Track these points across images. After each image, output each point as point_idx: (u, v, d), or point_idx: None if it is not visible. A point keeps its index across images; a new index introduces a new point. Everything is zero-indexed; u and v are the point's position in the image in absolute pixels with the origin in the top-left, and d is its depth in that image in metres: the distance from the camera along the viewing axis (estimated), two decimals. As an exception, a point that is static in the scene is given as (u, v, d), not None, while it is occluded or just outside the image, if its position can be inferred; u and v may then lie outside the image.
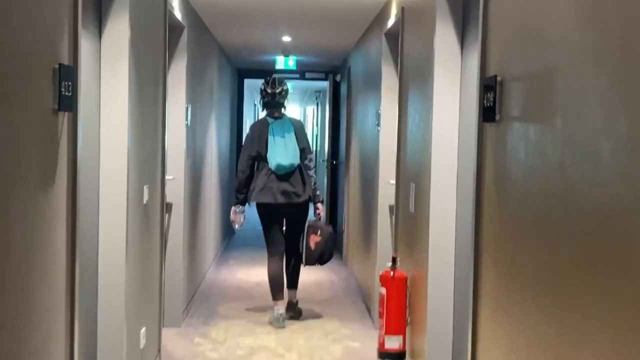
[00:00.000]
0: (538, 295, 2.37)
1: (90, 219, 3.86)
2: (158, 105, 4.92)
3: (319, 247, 6.29)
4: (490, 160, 2.96)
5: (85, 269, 3.76)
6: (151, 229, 4.81)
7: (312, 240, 6.30)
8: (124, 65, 3.95)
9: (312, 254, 6.29)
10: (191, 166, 6.72)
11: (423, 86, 4.42)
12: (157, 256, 5.02)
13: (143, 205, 4.50)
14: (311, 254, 6.30)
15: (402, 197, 5.18)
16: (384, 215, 6.31)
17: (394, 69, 6.21)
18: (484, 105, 2.98)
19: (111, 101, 3.95)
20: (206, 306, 6.96)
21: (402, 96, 5.26)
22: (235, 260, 9.60)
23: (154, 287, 4.97)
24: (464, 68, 4.05)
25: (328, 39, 8.57)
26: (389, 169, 6.21)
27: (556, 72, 2.26)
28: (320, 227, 6.37)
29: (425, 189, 4.32)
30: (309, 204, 6.42)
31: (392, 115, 6.17)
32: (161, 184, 5.10)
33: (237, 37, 8.57)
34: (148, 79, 4.59)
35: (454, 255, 4.13)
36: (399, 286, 4.68)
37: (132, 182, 4.18)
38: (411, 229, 4.76)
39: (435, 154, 4.09)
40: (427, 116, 4.27)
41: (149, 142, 4.68)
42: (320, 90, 16.45)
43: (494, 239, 2.90)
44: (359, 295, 7.57)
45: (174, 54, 6.01)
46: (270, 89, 6.34)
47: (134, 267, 4.31)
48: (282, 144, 6.15)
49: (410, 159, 4.89)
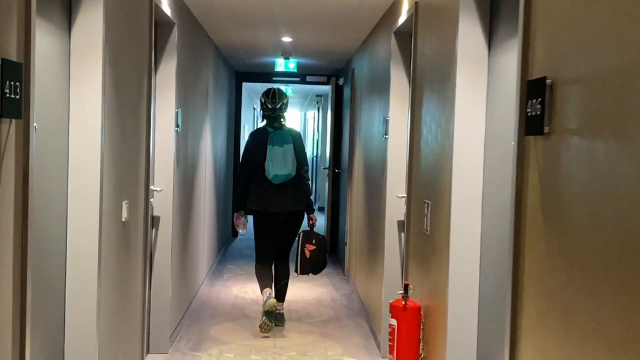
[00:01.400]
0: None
1: (55, 243, 3.31)
2: (141, 110, 4.37)
3: (314, 257, 6.36)
4: (534, 180, 2.42)
5: (48, 299, 3.21)
6: (132, 248, 4.26)
7: (308, 249, 6.37)
8: (97, 65, 3.40)
9: (307, 262, 6.37)
10: (182, 176, 6.17)
11: (442, 91, 3.88)
12: (139, 278, 4.48)
13: (121, 223, 3.96)
14: (306, 263, 6.37)
15: (414, 215, 4.64)
16: (391, 231, 5.77)
17: (404, 72, 5.67)
18: (527, 114, 2.43)
19: (82, 106, 3.41)
20: (197, 328, 6.41)
21: (415, 102, 4.71)
22: (230, 274, 9.04)
23: (135, 312, 4.42)
24: (491, 70, 3.51)
25: (331, 40, 8.02)
26: (398, 182, 5.69)
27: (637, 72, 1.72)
28: (315, 237, 6.42)
29: (443, 208, 3.77)
30: (303, 215, 6.41)
31: (402, 123, 5.65)
32: (145, 198, 4.55)
33: (235, 37, 8.02)
34: (129, 81, 4.05)
35: (478, 284, 3.58)
36: (411, 318, 4.13)
37: (108, 198, 3.63)
38: (426, 252, 4.21)
39: (458, 169, 3.54)
40: (447, 125, 3.72)
41: (130, 152, 4.13)
42: (322, 95, 15.93)
43: (540, 277, 2.35)
44: (363, 315, 7.01)
45: (162, 54, 5.46)
46: (271, 104, 6.35)
47: (109, 293, 3.77)
48: (281, 154, 6.18)
49: (425, 173, 4.34)
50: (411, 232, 4.72)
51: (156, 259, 5.55)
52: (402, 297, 4.19)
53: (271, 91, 6.40)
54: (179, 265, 6.11)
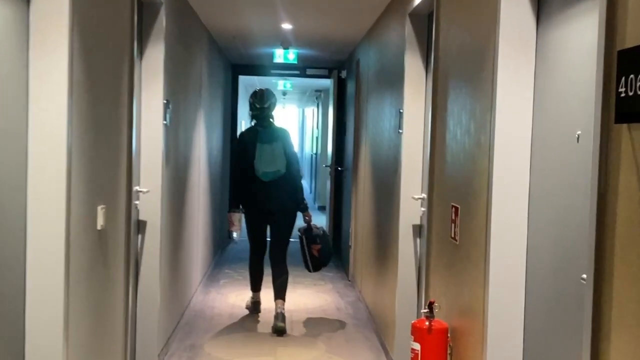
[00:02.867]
0: None
1: (9, 260, 2.70)
2: (121, 100, 3.76)
3: (322, 253, 6.54)
4: (629, 182, 1.82)
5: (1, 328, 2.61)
6: (110, 260, 3.66)
7: (314, 249, 6.52)
8: (63, 40, 2.79)
9: (316, 261, 6.56)
10: (172, 174, 5.56)
11: (476, 75, 3.28)
12: (119, 292, 3.88)
13: (96, 231, 3.35)
14: (316, 262, 6.56)
15: (437, 220, 4.04)
16: (406, 236, 5.17)
17: (420, 59, 5.07)
18: (618, 95, 1.83)
19: (43, 91, 2.80)
20: (189, 343, 5.80)
21: (437, 91, 4.11)
22: (226, 279, 8.43)
23: (115, 328, 3.82)
24: (539, 51, 2.90)
25: (334, 27, 7.41)
26: (413, 181, 5.10)
27: None
28: (318, 235, 6.56)
29: (478, 213, 3.17)
30: (295, 211, 6.48)
31: (418, 116, 5.05)
32: (127, 201, 3.95)
33: (230, 23, 7.41)
34: (104, 64, 3.44)
35: (523, 305, 2.98)
36: (437, 341, 3.53)
37: (77, 202, 3.02)
38: (453, 263, 3.61)
39: (499, 169, 2.94)
40: (484, 115, 3.12)
41: (107, 147, 3.53)
42: (322, 90, 15.33)
43: (636, 312, 1.75)
44: (371, 326, 6.41)
45: (148, 37, 4.85)
46: (258, 104, 6.49)
47: (81, 315, 3.17)
48: (270, 152, 6.30)
49: (451, 172, 3.74)
50: (433, 240, 4.12)
51: (142, 268, 4.95)
52: (425, 317, 3.60)
53: (258, 92, 6.57)
54: (169, 273, 5.51)
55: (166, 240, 5.31)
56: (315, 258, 6.53)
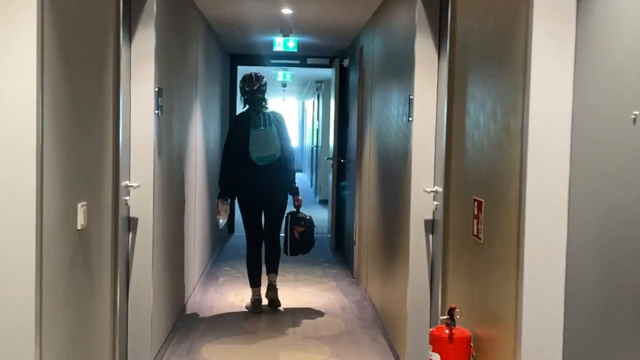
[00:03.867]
0: None
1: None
2: (105, 86, 3.39)
3: (303, 237, 6.54)
4: None
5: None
6: (94, 260, 3.29)
7: (297, 231, 6.52)
8: (30, 21, 2.42)
9: (296, 244, 6.55)
10: (166, 168, 5.19)
11: (504, 55, 2.90)
12: (105, 294, 3.51)
13: (76, 231, 2.98)
14: (296, 244, 6.55)
15: (455, 215, 3.67)
16: (417, 232, 4.80)
17: (432, 41, 4.69)
18: None
19: (6, 71, 2.43)
20: (186, 348, 5.43)
21: (454, 74, 3.74)
22: (226, 277, 8.06)
23: (101, 336, 3.46)
24: (580, 20, 2.53)
25: (336, 11, 7.05)
26: (425, 173, 4.75)
27: None
28: (303, 218, 6.59)
29: (507, 208, 2.81)
30: (287, 196, 6.52)
31: (430, 102, 4.69)
32: (113, 197, 3.58)
33: (228, 9, 7.03)
34: (84, 49, 3.06)
35: (563, 313, 2.62)
36: (459, 351, 3.17)
37: (52, 200, 2.65)
38: (477, 265, 3.25)
39: (534, 157, 2.57)
40: (514, 98, 2.75)
41: (89, 138, 3.16)
42: (322, 81, 14.94)
43: None
44: (379, 327, 6.05)
45: (138, 19, 4.48)
46: (248, 87, 6.46)
47: (58, 321, 2.80)
48: (264, 136, 6.26)
49: (472, 162, 3.37)
50: (450, 237, 3.75)
51: (133, 268, 4.59)
52: (445, 324, 3.23)
53: (247, 75, 6.55)
54: (162, 272, 5.14)
55: (159, 238, 4.94)
56: (295, 241, 6.52)
